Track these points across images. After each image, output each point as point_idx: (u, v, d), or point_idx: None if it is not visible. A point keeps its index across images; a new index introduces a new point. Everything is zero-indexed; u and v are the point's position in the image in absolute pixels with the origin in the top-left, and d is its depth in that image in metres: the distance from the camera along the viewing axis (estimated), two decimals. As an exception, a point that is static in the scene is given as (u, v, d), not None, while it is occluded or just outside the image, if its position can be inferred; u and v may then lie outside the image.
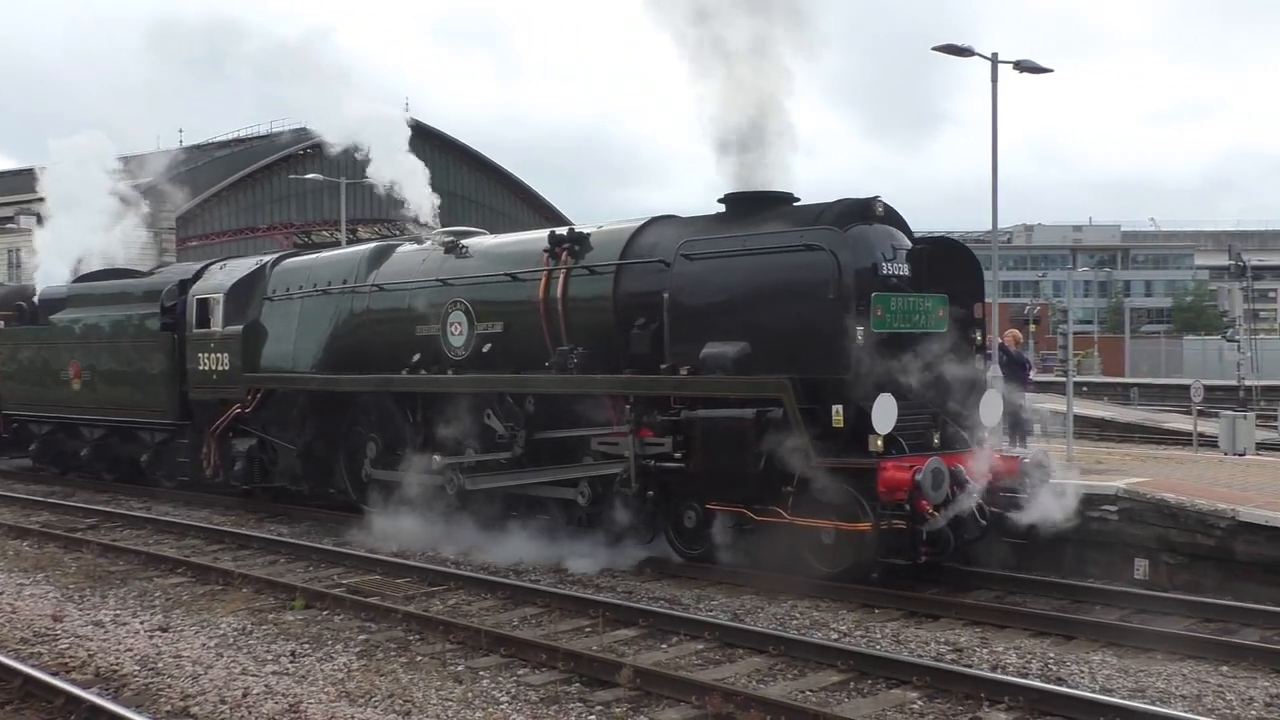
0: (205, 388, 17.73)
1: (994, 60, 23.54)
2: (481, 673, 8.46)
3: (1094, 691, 7.63)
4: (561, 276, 12.99)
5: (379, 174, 16.48)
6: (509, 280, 13.57)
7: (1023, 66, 25.03)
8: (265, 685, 8.14)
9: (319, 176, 39.75)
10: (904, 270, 11.14)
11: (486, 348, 13.70)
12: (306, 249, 19.81)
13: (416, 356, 14.51)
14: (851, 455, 10.50)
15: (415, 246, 15.56)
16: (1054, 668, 8.30)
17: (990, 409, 11.35)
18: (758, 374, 10.93)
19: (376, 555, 13.08)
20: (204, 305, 17.73)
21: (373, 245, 15.95)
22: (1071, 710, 7.21)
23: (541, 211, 66.28)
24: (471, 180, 65.47)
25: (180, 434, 18.47)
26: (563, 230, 13.29)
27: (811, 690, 7.91)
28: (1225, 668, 8.23)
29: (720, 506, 11.34)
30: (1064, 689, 7.60)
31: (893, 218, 11.49)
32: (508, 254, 13.94)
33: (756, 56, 11.79)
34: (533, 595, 10.88)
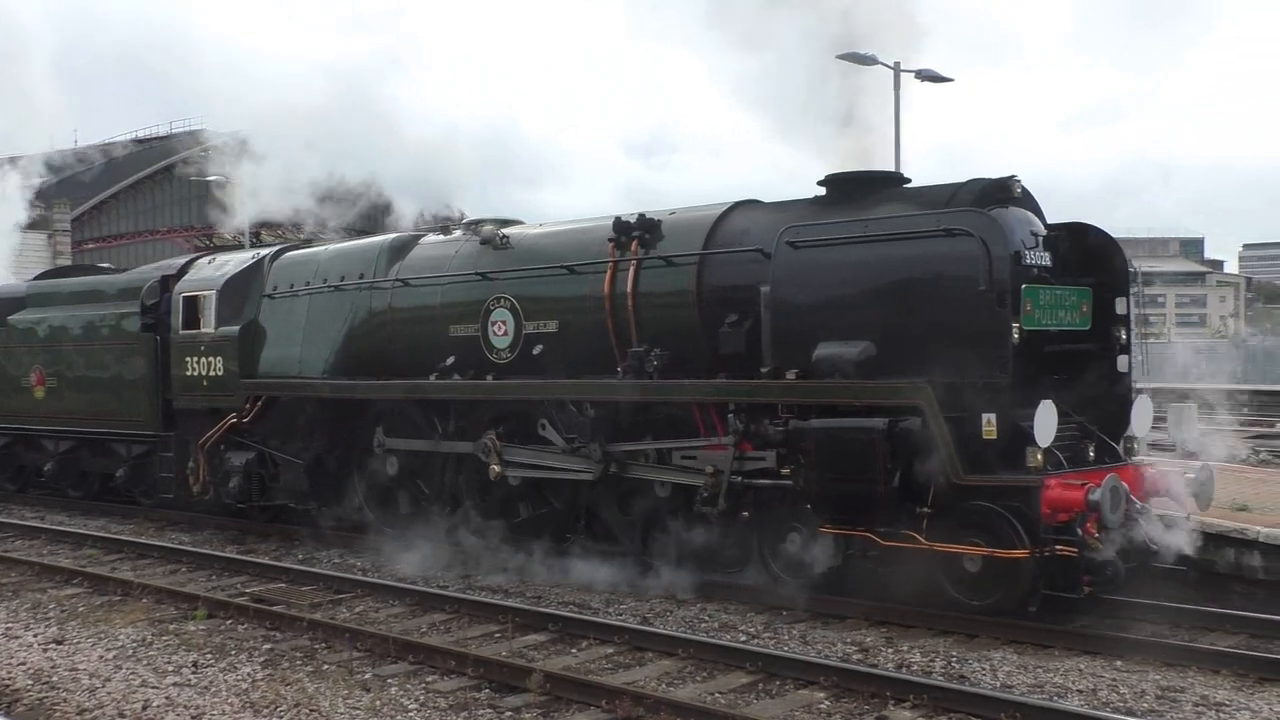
0: (193, 395, 15.96)
1: (896, 69, 24.62)
2: (389, 680, 8.42)
3: (995, 689, 7.82)
4: (631, 269, 11.50)
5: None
6: (565, 274, 12.05)
7: (924, 76, 26.43)
8: (166, 697, 8.08)
9: (220, 178, 37.55)
10: (1045, 259, 9.81)
11: (537, 349, 12.17)
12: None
13: (450, 360, 12.94)
14: (1006, 471, 9.15)
15: (442, 238, 13.98)
16: (957, 666, 8.46)
17: (1142, 417, 10.06)
18: (885, 378, 9.54)
19: (281, 563, 12.92)
20: (192, 303, 15.95)
21: (392, 236, 14.32)
22: (973, 707, 7.35)
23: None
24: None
25: (162, 446, 16.65)
26: (630, 216, 11.79)
27: (721, 692, 7.99)
28: (1120, 662, 8.41)
29: (837, 530, 9.92)
30: (966, 687, 7.78)
31: (1028, 199, 10.16)
32: (562, 244, 12.39)
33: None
34: (441, 601, 10.76)
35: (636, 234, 11.58)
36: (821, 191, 11.00)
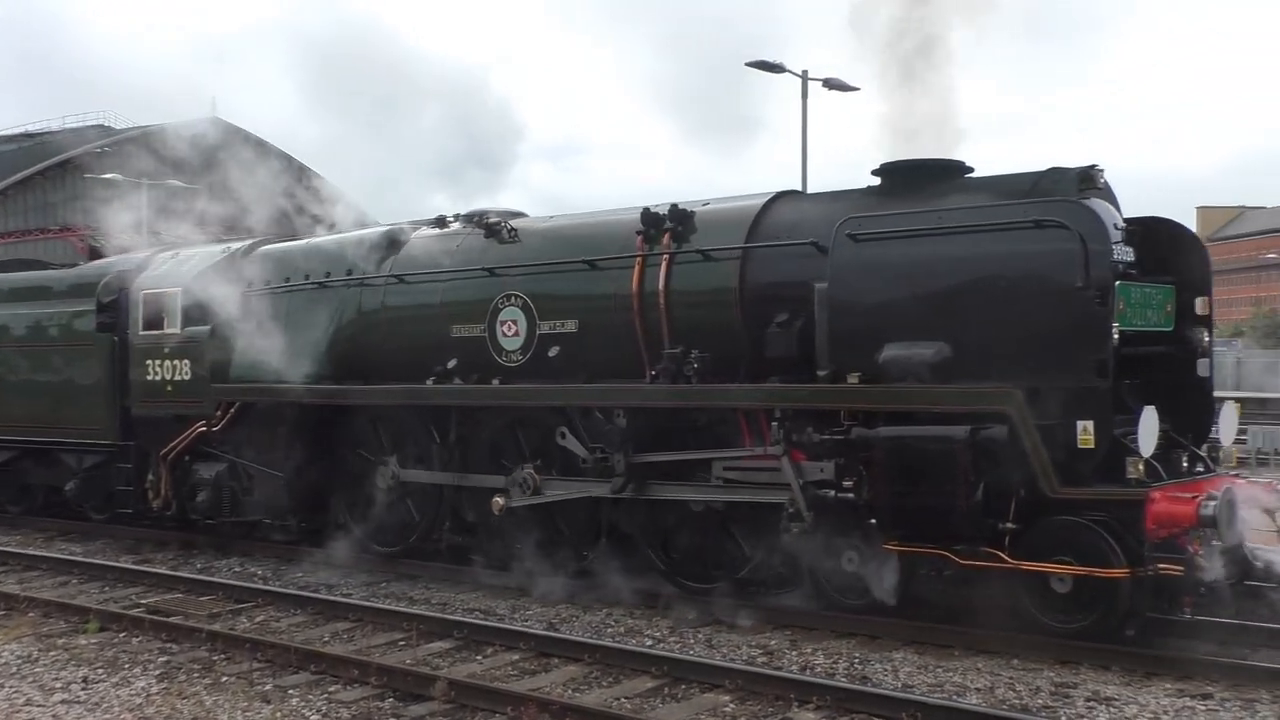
0: (155, 401, 14.70)
1: (804, 77, 25.93)
2: (290, 691, 8.24)
3: (896, 689, 7.91)
4: (663, 264, 10.59)
5: None
6: (586, 269, 11.11)
7: (831, 84, 27.23)
8: (53, 716, 7.83)
9: (117, 176, 35.84)
10: (1129, 255, 9.09)
11: (553, 351, 11.22)
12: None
13: (453, 362, 11.93)
14: (1103, 483, 8.40)
15: (438, 230, 12.96)
16: (859, 667, 8.53)
17: (1228, 425, 9.39)
18: (963, 382, 8.75)
19: (179, 573, 12.59)
20: (155, 302, 14.71)
21: (382, 229, 13.26)
22: (875, 707, 7.41)
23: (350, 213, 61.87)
24: (270, 178, 60.44)
25: (120, 457, 15.37)
26: (660, 207, 10.89)
27: (626, 697, 7.95)
28: (1016, 660, 8.51)
29: (907, 547, 9.10)
30: (868, 687, 7.85)
31: (1108, 191, 9.45)
32: (582, 237, 11.44)
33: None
34: (345, 610, 10.52)
35: (669, 226, 10.69)
36: (875, 181, 10.19)
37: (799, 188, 10.20)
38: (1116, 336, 8.39)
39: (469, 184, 14.99)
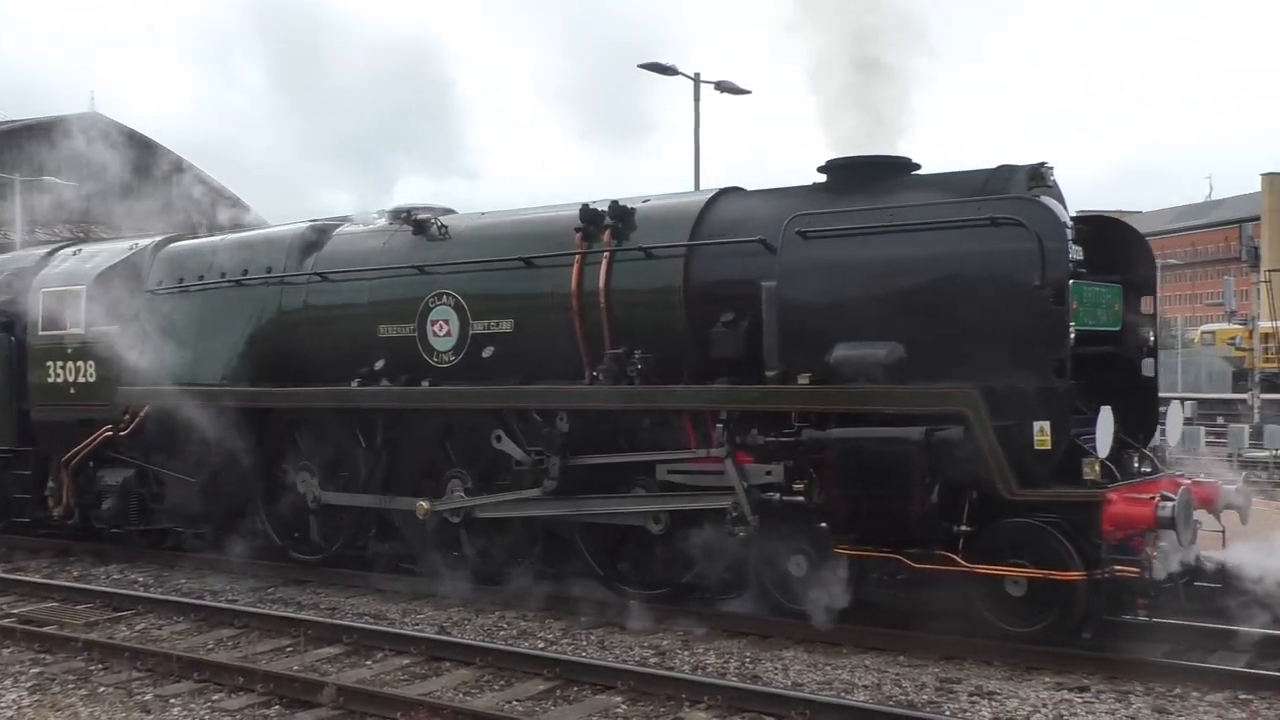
0: (57, 405, 14.01)
1: (696, 80, 26.35)
2: (172, 700, 8.07)
3: (786, 687, 7.95)
4: (604, 262, 10.30)
5: None
6: (522, 267, 10.75)
7: (723, 87, 27.61)
8: None
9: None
10: (1079, 253, 9.03)
11: (488, 351, 10.85)
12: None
13: (380, 363, 11.50)
14: (1060, 484, 8.31)
15: (362, 228, 12.49)
16: (750, 666, 8.59)
17: (1174, 425, 9.39)
18: (918, 382, 8.60)
19: (54, 581, 12.25)
20: (56, 300, 14.01)
21: (304, 225, 12.74)
22: (766, 705, 7.48)
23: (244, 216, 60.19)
24: (163, 178, 58.32)
25: (17, 463, 14.59)
26: (599, 203, 10.59)
27: (519, 700, 7.92)
28: (902, 657, 8.64)
29: (857, 551, 8.91)
30: (759, 686, 7.92)
31: (1056, 189, 9.39)
32: (518, 234, 11.08)
33: None
34: (230, 616, 10.39)
35: (610, 223, 10.39)
36: (821, 179, 10.01)
37: (693, 188, 10.10)
38: (1073, 336, 8.30)
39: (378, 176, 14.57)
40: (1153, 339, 9.47)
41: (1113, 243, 9.45)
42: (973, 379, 8.36)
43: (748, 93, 28.00)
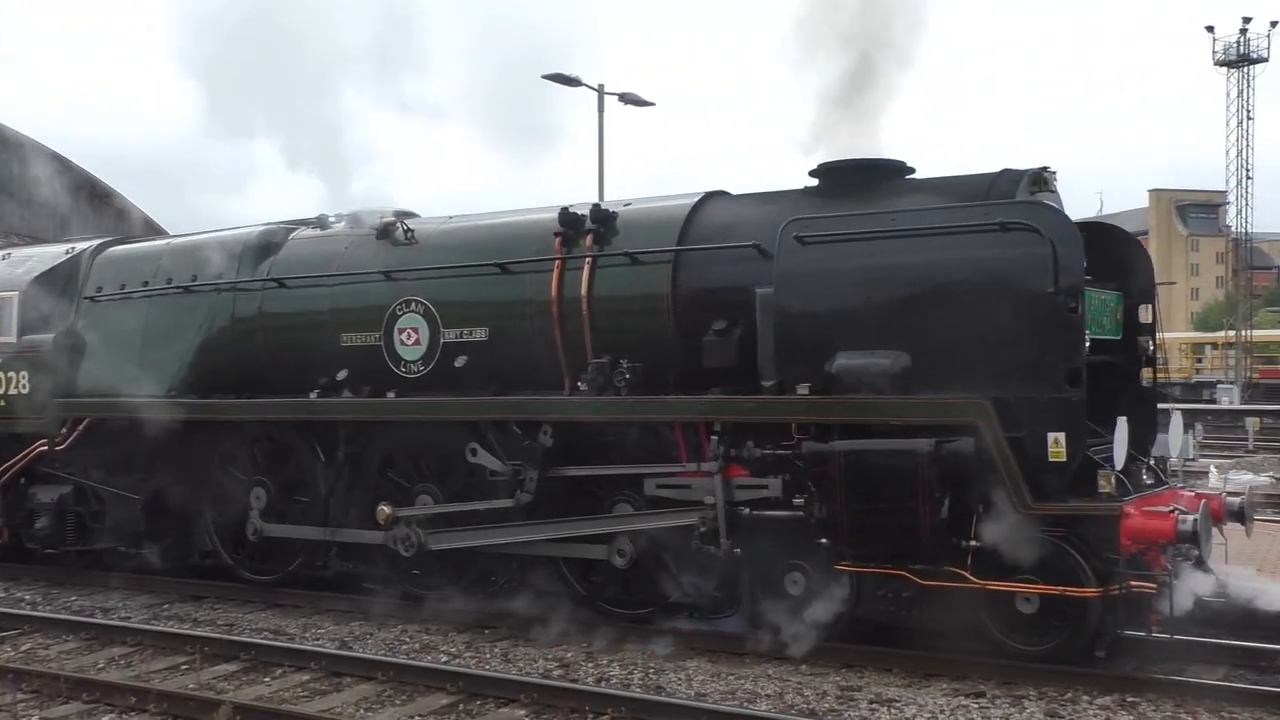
0: (-14, 418, 13.21)
1: (600, 91, 26.70)
2: None
3: (690, 697, 7.99)
4: (586, 268, 9.89)
5: None
6: (497, 273, 10.31)
7: (627, 99, 27.97)
8: None
9: None
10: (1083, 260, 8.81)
11: (460, 361, 10.37)
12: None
13: (343, 373, 10.96)
14: (1074, 498, 8.06)
15: (319, 232, 11.94)
16: (654, 677, 8.57)
17: (1176, 436, 9.22)
18: (925, 392, 8.32)
19: None
20: (-13, 308, 13.22)
21: (258, 229, 12.13)
22: (670, 716, 7.53)
23: (138, 225, 58.09)
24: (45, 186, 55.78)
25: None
26: (579, 207, 10.18)
27: (421, 714, 7.88)
28: (804, 666, 8.66)
29: (860, 568, 8.60)
30: (662, 697, 7.97)
31: (1057, 196, 9.18)
32: (492, 239, 10.61)
33: None
34: (122, 634, 10.07)
35: (592, 227, 9.99)
36: (812, 183, 9.70)
37: (597, 200, 10.01)
38: (1088, 344, 8.08)
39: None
40: (1152, 348, 9.29)
41: (1110, 249, 9.25)
42: (981, 389, 8.09)
43: (651, 104, 28.45)
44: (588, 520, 9.78)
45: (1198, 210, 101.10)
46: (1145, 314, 9.33)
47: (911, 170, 9.57)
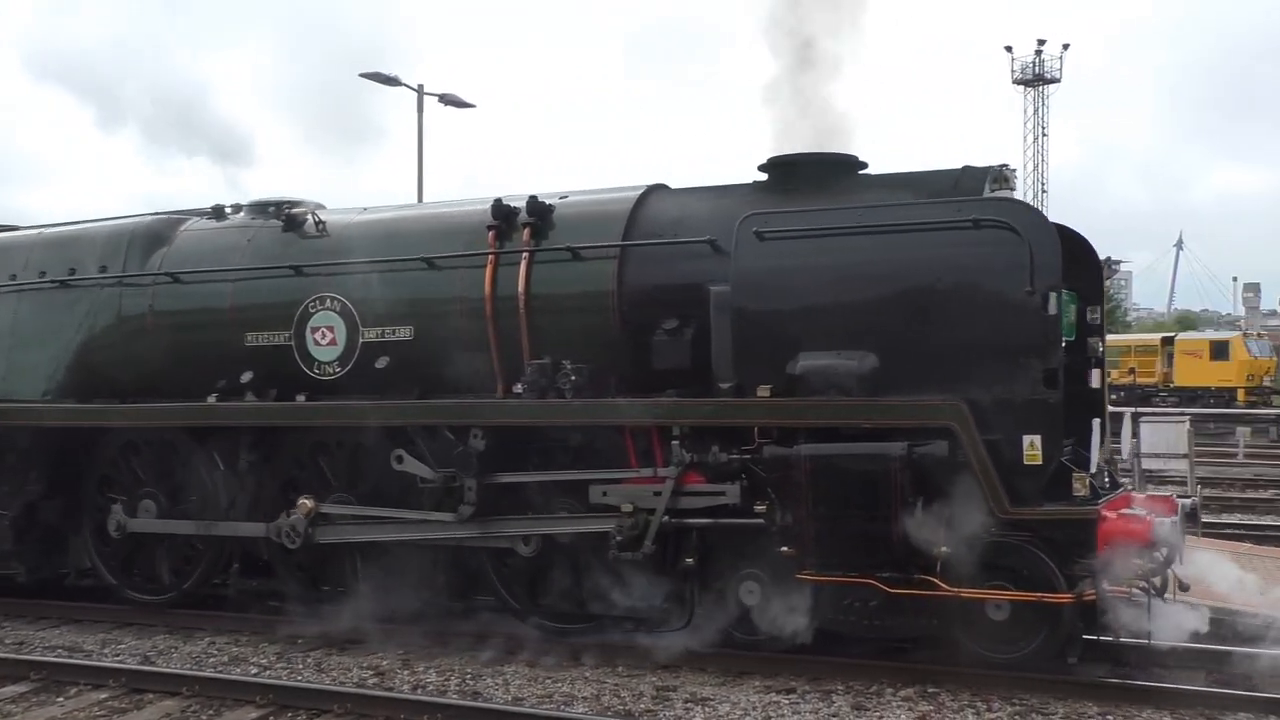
0: None
1: (420, 91, 27.10)
2: None
3: (507, 702, 7.99)
4: (522, 264, 9.34)
5: None
6: (424, 269, 9.67)
7: (447, 100, 28.01)
8: None
9: None
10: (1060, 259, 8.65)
11: (382, 362, 9.70)
12: None
13: (247, 375, 10.15)
14: (1053, 502, 7.89)
15: (215, 223, 11.07)
16: (471, 683, 8.52)
17: (1126, 438, 9.17)
18: (893, 394, 8.04)
19: None
20: None
21: (145, 218, 11.18)
22: None
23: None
24: None
25: None
26: (514, 199, 9.62)
27: None
28: (621, 667, 8.72)
29: (824, 577, 8.26)
30: (480, 703, 7.93)
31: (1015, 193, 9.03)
32: (417, 232, 9.95)
33: None
34: None
35: (529, 221, 9.44)
36: (761, 177, 9.35)
37: (416, 199, 9.67)
38: (1064, 347, 7.93)
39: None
40: (1101, 349, 9.22)
41: (1065, 251, 9.12)
42: (953, 390, 7.85)
43: (472, 106, 28.65)
44: (504, 520, 9.21)
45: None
46: (1093, 315, 9.25)
47: (864, 165, 9.31)
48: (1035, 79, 60.18)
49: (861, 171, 9.28)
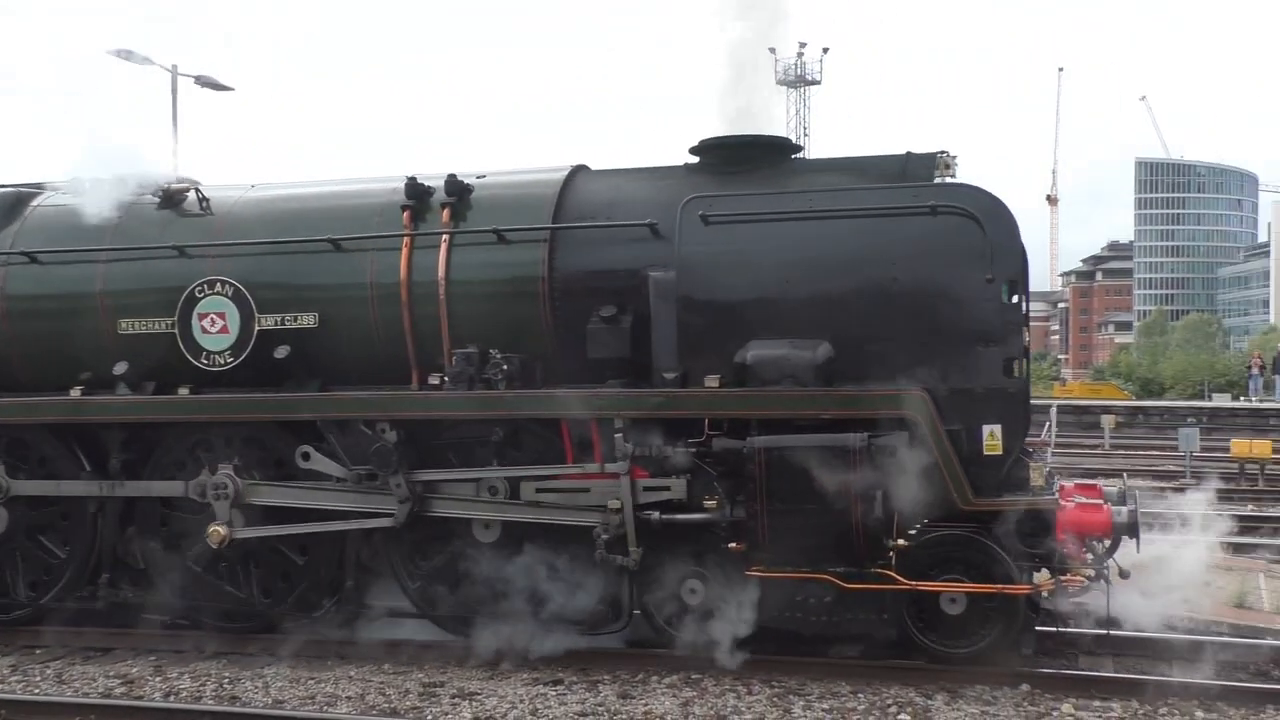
0: None
1: (174, 72, 26.87)
2: None
3: (267, 705, 7.79)
4: (442, 247, 8.74)
5: None
6: (330, 250, 8.95)
7: (203, 82, 27.81)
8: None
9: None
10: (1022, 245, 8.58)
11: (281, 352, 8.93)
12: None
13: (120, 366, 9.20)
14: (1012, 491, 7.81)
15: (75, 198, 10.00)
16: (229, 687, 8.28)
17: (1051, 428, 9.22)
18: (848, 383, 7.83)
19: None
20: None
21: (-8, 190, 10.02)
22: None
23: None
24: None
25: None
26: (430, 178, 8.99)
27: None
28: (387, 665, 8.60)
29: (775, 573, 7.97)
30: (238, 708, 7.73)
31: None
32: (320, 211, 9.18)
33: None
34: None
35: (448, 201, 8.84)
36: (692, 160, 8.99)
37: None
38: (1028, 335, 7.87)
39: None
40: (1027, 339, 9.24)
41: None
42: (911, 379, 7.70)
43: (230, 89, 28.25)
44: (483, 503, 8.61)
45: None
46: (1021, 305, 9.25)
47: (799, 149, 9.08)
48: (798, 80, 62.14)
49: (796, 155, 9.05)
